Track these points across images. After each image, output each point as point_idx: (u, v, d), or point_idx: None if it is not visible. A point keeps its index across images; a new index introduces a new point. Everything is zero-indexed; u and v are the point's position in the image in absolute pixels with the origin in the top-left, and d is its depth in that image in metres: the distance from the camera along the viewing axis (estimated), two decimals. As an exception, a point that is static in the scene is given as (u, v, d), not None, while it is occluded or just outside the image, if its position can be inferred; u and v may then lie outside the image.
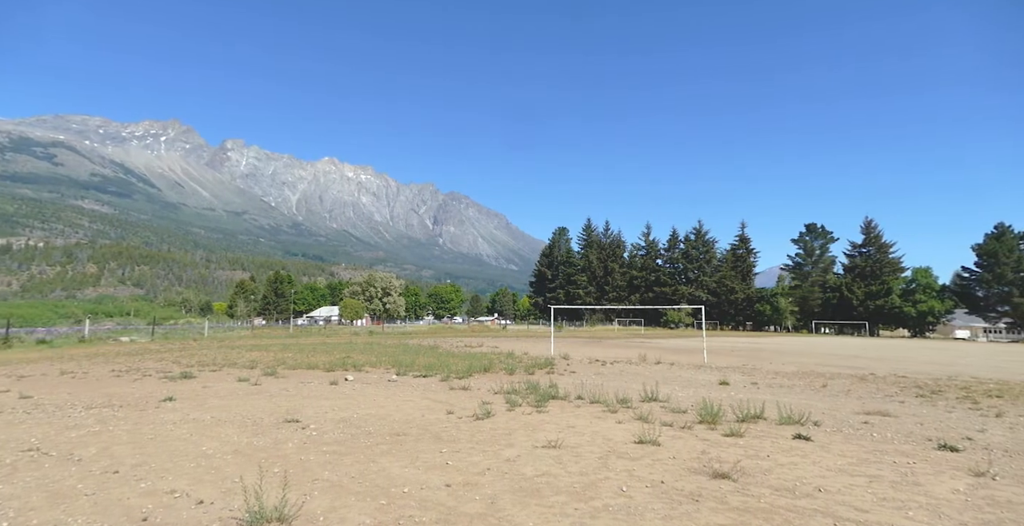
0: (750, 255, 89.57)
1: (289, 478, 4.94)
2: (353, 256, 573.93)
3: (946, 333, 78.40)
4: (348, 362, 16.49)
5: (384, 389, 11.25)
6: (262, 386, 11.44)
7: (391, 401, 9.65)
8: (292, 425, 7.45)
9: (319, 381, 12.40)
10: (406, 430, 7.23)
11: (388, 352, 21.06)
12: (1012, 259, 67.80)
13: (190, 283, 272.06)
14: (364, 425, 7.53)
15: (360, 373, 14.24)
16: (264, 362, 16.66)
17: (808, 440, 6.86)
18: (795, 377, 15.10)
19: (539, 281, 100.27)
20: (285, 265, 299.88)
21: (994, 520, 4.21)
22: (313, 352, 20.96)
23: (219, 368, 15.06)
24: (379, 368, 15.51)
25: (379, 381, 12.61)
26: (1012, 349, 40.79)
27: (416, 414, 8.41)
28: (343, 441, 6.58)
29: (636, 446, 6.42)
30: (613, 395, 10.26)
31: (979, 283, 71.06)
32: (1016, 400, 11.15)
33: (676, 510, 4.32)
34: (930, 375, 16.47)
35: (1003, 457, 6.24)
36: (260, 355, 19.57)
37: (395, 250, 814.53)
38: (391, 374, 13.85)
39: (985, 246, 70.62)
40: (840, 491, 4.86)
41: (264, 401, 9.49)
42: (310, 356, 18.92)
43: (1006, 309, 68.90)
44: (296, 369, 15.01)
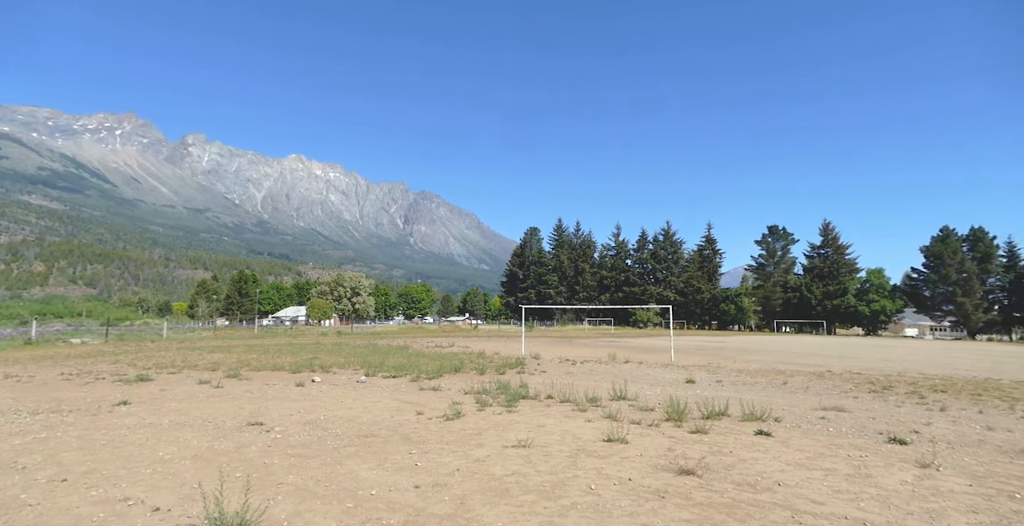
0: (716, 256, 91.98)
1: (252, 482, 4.80)
2: (321, 255, 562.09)
3: (896, 331, 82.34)
4: (315, 363, 16.15)
5: (353, 390, 11.07)
6: (224, 389, 11.08)
7: (360, 402, 9.50)
8: (256, 428, 7.25)
9: (285, 383, 12.10)
10: (375, 432, 7.13)
11: (357, 353, 20.72)
12: (956, 261, 71.72)
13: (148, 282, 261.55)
14: (331, 427, 7.39)
15: (328, 374, 13.97)
16: (227, 364, 16.15)
17: (769, 436, 7.09)
18: (757, 375, 15.57)
19: (510, 281, 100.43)
20: (250, 264, 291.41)
21: (937, 509, 4.45)
22: (279, 353, 20.44)
23: (178, 370, 14.52)
24: (347, 369, 15.25)
25: (347, 382, 12.39)
26: (955, 346, 43.20)
27: (385, 415, 8.30)
28: (309, 444, 6.44)
29: (605, 444, 6.50)
30: (583, 394, 10.37)
31: (926, 283, 74.88)
32: (958, 395, 11.79)
33: (643, 507, 4.39)
34: (882, 372, 17.25)
35: (946, 449, 6.59)
36: (222, 357, 18.96)
37: (365, 249, 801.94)
38: (360, 375, 13.64)
39: (931, 248, 74.49)
40: (798, 484, 5.04)
41: (226, 404, 9.20)
42: (275, 357, 18.45)
43: (950, 308, 72.83)
44: (261, 371, 14.61)
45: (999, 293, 72.85)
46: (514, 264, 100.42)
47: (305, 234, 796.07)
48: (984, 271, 72.31)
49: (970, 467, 5.77)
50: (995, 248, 73.27)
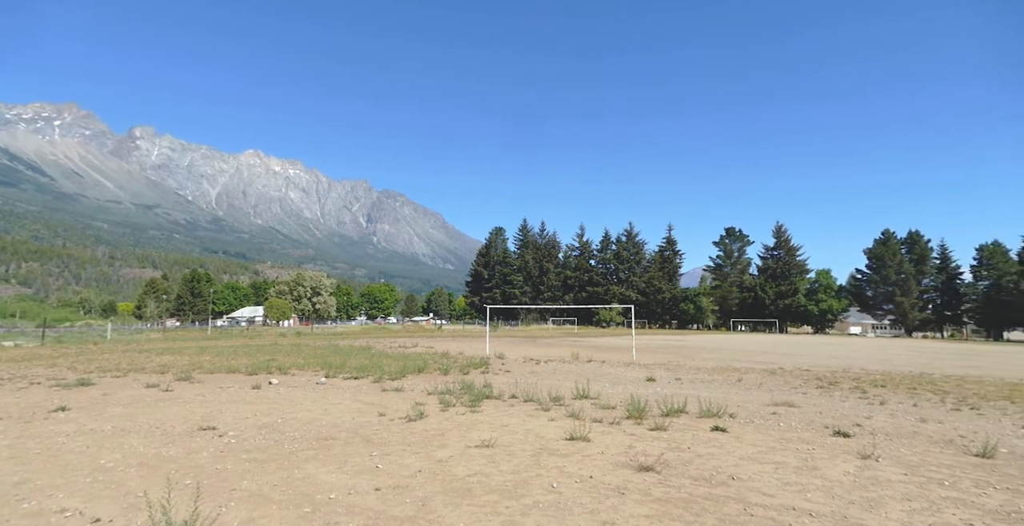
0: (676, 257, 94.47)
1: (202, 489, 4.61)
2: (280, 254, 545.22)
3: (842, 329, 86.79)
4: (273, 365, 15.65)
5: (312, 392, 10.78)
6: (174, 392, 10.60)
7: (319, 404, 9.27)
8: (208, 433, 6.97)
9: (240, 385, 11.68)
10: (335, 434, 6.97)
11: (317, 354, 20.21)
12: (895, 262, 76.26)
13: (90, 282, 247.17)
14: (289, 430, 7.18)
15: (286, 376, 13.56)
16: (177, 366, 15.45)
17: (724, 431, 7.33)
18: (714, 372, 16.08)
19: (475, 281, 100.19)
20: (203, 263, 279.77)
21: (876, 497, 4.71)
22: (234, 355, 19.70)
23: (123, 374, 13.78)
24: (307, 370, 14.85)
25: (307, 384, 12.07)
26: (894, 343, 45.90)
27: (346, 417, 8.13)
28: (265, 448, 6.23)
29: (567, 443, 6.57)
30: (546, 393, 10.45)
31: (869, 284, 79.30)
32: (896, 389, 12.53)
33: (603, 504, 4.46)
34: (828, 368, 18.14)
35: (885, 441, 6.99)
36: (173, 359, 18.13)
37: (326, 248, 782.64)
38: (320, 376, 13.30)
39: (873, 250, 78.96)
40: (751, 478, 5.23)
41: (176, 408, 8.80)
42: (230, 359, 17.77)
43: (890, 307, 77.39)
44: (214, 373, 14.04)
45: (933, 293, 77.91)
46: (479, 264, 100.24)
47: (263, 232, 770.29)
48: (920, 272, 77.19)
49: (905, 457, 6.14)
50: (929, 251, 78.35)
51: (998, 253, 72.46)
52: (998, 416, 9.09)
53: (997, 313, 69.72)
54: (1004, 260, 71.11)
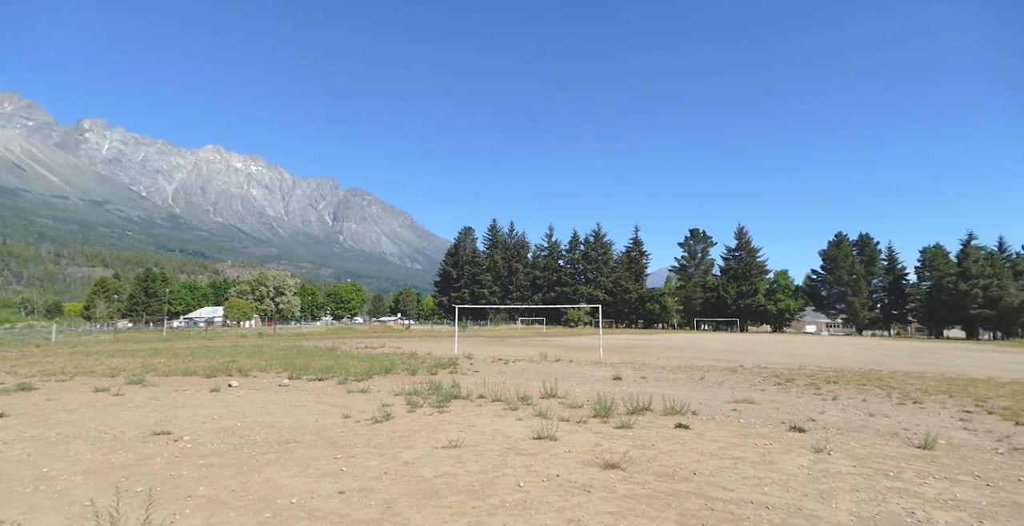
0: (643, 257, 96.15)
1: (155, 497, 4.42)
2: (241, 253, 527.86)
3: (799, 328, 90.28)
4: (233, 367, 15.14)
5: (274, 395, 10.49)
6: (125, 396, 10.12)
7: (281, 407, 9.02)
8: (162, 438, 6.69)
9: (197, 388, 11.25)
10: (297, 437, 6.80)
11: (280, 355, 19.67)
12: (847, 263, 79.92)
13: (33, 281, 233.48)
14: (249, 434, 6.97)
15: (247, 378, 13.14)
16: (129, 369, 14.76)
17: (687, 428, 7.52)
18: (678, 371, 16.47)
19: (444, 281, 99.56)
20: (159, 261, 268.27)
21: (828, 489, 4.93)
22: (191, 357, 18.97)
23: (69, 377, 13.07)
24: (269, 372, 14.43)
25: (269, 386, 11.73)
26: (846, 341, 48.11)
27: (309, 420, 7.95)
28: (223, 452, 6.03)
29: (535, 442, 6.61)
30: (514, 393, 10.47)
31: (823, 284, 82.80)
32: (847, 385, 13.13)
33: (569, 501, 4.51)
34: (785, 366, 18.84)
35: (837, 435, 7.31)
36: (124, 361, 17.31)
37: (290, 247, 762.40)
38: (283, 378, 12.95)
39: (828, 252, 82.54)
40: (712, 473, 5.38)
41: (128, 413, 8.40)
42: (187, 361, 17.10)
43: (842, 306, 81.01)
44: (169, 376, 13.48)
45: (881, 293, 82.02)
46: (448, 264, 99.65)
47: (223, 230, 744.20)
48: (869, 273, 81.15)
49: (855, 450, 6.44)
50: (878, 253, 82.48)
51: (939, 255, 76.85)
52: (938, 409, 9.63)
53: (938, 312, 73.97)
54: (945, 262, 75.49)
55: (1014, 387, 13.16)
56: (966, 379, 15.04)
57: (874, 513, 4.32)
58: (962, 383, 13.92)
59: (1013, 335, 70.42)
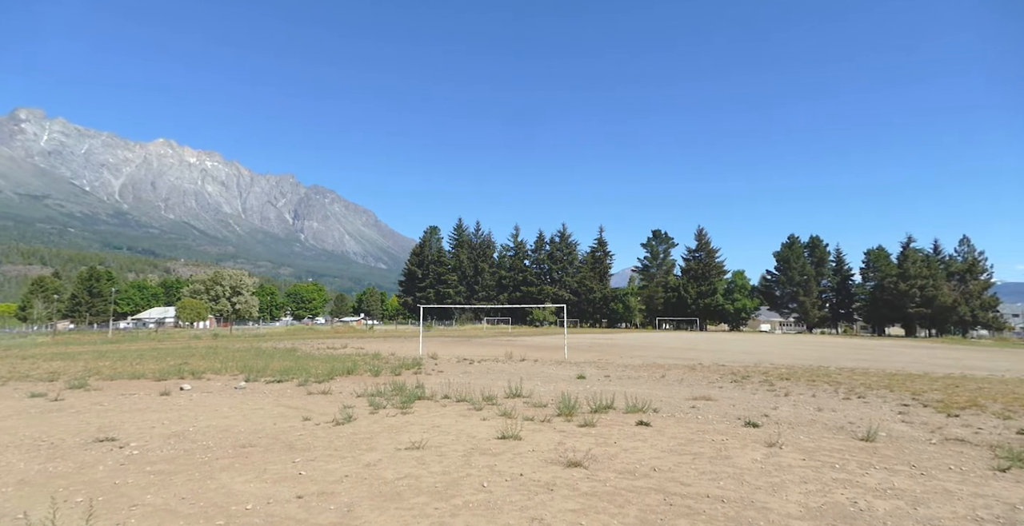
0: (607, 257, 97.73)
1: (97, 507, 4.19)
2: (195, 251, 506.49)
3: (754, 326, 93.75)
4: (185, 369, 14.52)
5: (229, 398, 10.12)
6: (66, 401, 9.55)
7: (237, 410, 8.71)
8: (106, 445, 6.34)
9: (146, 392, 10.73)
10: (254, 441, 6.59)
11: (236, 356, 18.99)
12: (799, 265, 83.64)
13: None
14: (202, 439, 6.70)
15: (200, 381, 12.62)
16: (70, 373, 13.93)
17: (648, 426, 7.69)
18: (640, 369, 16.82)
19: (409, 280, 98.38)
20: (104, 259, 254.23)
21: (779, 482, 5.14)
22: (139, 359, 18.07)
23: (2, 383, 12.24)
24: (224, 374, 13.91)
25: (224, 389, 11.30)
26: (798, 339, 50.33)
27: (267, 423, 7.71)
28: (173, 458, 5.77)
29: (499, 442, 6.62)
30: (479, 393, 10.46)
31: (777, 284, 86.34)
32: (799, 381, 13.73)
33: (532, 500, 4.54)
34: (742, 363, 19.53)
35: (788, 430, 7.64)
36: (65, 365, 16.32)
37: (248, 245, 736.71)
38: (239, 380, 12.51)
39: (781, 253, 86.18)
40: (671, 469, 5.53)
41: (68, 419, 7.93)
42: (135, 364, 16.29)
43: (794, 306, 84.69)
44: (115, 380, 12.80)
45: (829, 293, 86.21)
46: (413, 263, 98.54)
47: (176, 227, 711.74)
48: (819, 274, 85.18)
49: (804, 444, 6.75)
50: (827, 254, 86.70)
51: (882, 257, 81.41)
52: (880, 403, 10.20)
53: (880, 311, 78.37)
54: (887, 264, 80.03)
55: (946, 381, 14.08)
56: (904, 374, 15.98)
57: (821, 503, 4.54)
58: (901, 378, 14.79)
59: (946, 332, 75.32)
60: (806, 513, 4.31)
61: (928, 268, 75.42)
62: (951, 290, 73.90)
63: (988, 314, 74.48)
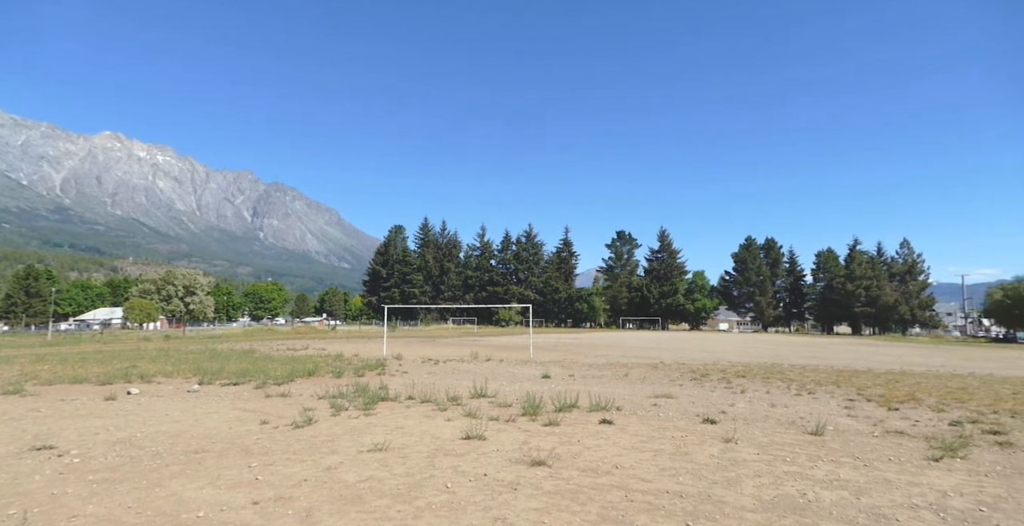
0: (572, 258, 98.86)
1: (31, 519, 3.95)
2: (146, 249, 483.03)
3: (713, 325, 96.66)
4: (133, 372, 13.82)
5: (182, 402, 9.69)
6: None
7: (190, 415, 8.36)
8: (43, 453, 5.97)
9: (89, 397, 10.16)
10: (207, 446, 6.34)
11: (189, 359, 18.22)
12: (755, 266, 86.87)
13: None
14: (150, 445, 6.39)
15: (149, 385, 12.04)
16: (3, 377, 13.03)
17: (611, 424, 7.82)
18: (604, 368, 17.08)
19: (373, 280, 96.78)
20: (43, 257, 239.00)
21: (734, 476, 5.32)
22: (82, 363, 17.09)
23: (-73, 389, 11.33)
24: (176, 377, 13.32)
25: (176, 393, 10.82)
26: (754, 337, 52.25)
27: (222, 427, 7.43)
28: (118, 466, 5.49)
29: (463, 442, 6.59)
30: (444, 393, 10.39)
31: (734, 284, 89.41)
32: (754, 379, 14.25)
33: (496, 500, 4.55)
34: (701, 361, 20.11)
35: (744, 426, 7.92)
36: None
37: (203, 244, 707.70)
38: (192, 383, 12.00)
39: (738, 254, 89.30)
40: (632, 466, 5.64)
41: (0, 426, 7.42)
42: (77, 368, 15.39)
43: (751, 305, 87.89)
44: (54, 384, 12.06)
45: (783, 293, 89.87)
46: (377, 263, 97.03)
47: (124, 224, 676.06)
48: (774, 275, 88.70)
49: (758, 439, 7.01)
50: (782, 255, 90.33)
51: (831, 259, 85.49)
52: (828, 398, 10.70)
53: (829, 310, 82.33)
54: (835, 265, 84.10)
55: (887, 377, 14.92)
56: (850, 371, 16.82)
57: (773, 496, 4.72)
58: (847, 374, 15.57)
59: (888, 330, 79.73)
60: (759, 505, 4.47)
61: (872, 269, 79.70)
62: (893, 290, 78.35)
63: (925, 313, 79.35)
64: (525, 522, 4.06)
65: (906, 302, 77.48)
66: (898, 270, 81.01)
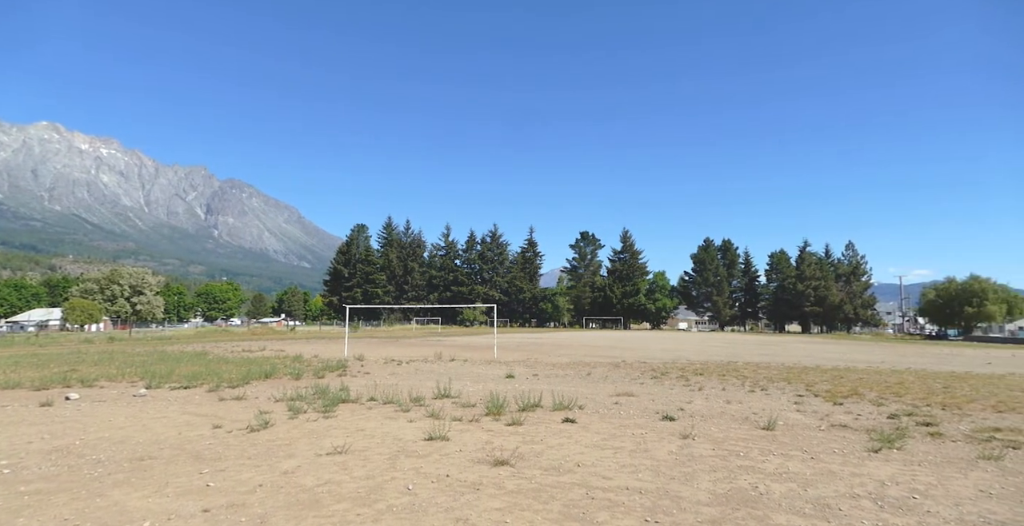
0: (537, 258, 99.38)
1: (-41, 539, 3.66)
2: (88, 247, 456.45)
3: (673, 325, 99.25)
4: (72, 377, 13.02)
5: (127, 407, 9.21)
6: (-82, 418, 8.24)
7: (135, 420, 7.95)
8: (-30, 467, 5.55)
9: (21, 403, 9.51)
10: (154, 452, 6.04)
11: (136, 361, 17.32)
12: (713, 266, 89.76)
13: None
14: (91, 453, 6.04)
15: (91, 389, 11.38)
16: (-76, 385, 12.03)
17: (574, 422, 7.91)
18: (568, 367, 17.26)
19: (335, 279, 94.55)
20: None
21: (691, 472, 5.48)
22: (14, 366, 15.98)
23: None
24: (121, 382, 12.63)
25: (120, 397, 10.27)
26: (712, 336, 54.00)
27: (170, 432, 7.10)
28: (54, 476, 5.16)
29: (426, 443, 6.53)
30: (407, 394, 10.26)
31: (694, 284, 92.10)
32: (711, 376, 14.72)
33: (458, 501, 4.53)
34: (661, 360, 20.61)
35: (701, 422, 8.17)
36: (-83, 376, 14.07)
37: (152, 241, 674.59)
38: (139, 387, 11.41)
39: (697, 255, 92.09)
40: (594, 464, 5.72)
41: (-80, 439, 6.85)
42: (8, 372, 14.38)
43: (709, 305, 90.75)
44: (-17, 391, 11.23)
45: (739, 293, 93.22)
46: (339, 262, 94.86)
47: (63, 221, 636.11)
48: (731, 275, 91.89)
49: (714, 434, 7.24)
50: (738, 256, 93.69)
51: (783, 260, 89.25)
52: (779, 394, 11.17)
53: (781, 310, 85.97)
54: (787, 266, 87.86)
55: (833, 373, 15.71)
56: (800, 368, 17.61)
57: (727, 489, 4.89)
58: (797, 371, 16.30)
59: (834, 328, 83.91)
60: (714, 499, 4.63)
61: (821, 270, 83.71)
62: (839, 290, 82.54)
63: (867, 312, 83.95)
64: (487, 522, 4.06)
65: (851, 301, 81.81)
66: (844, 271, 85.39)
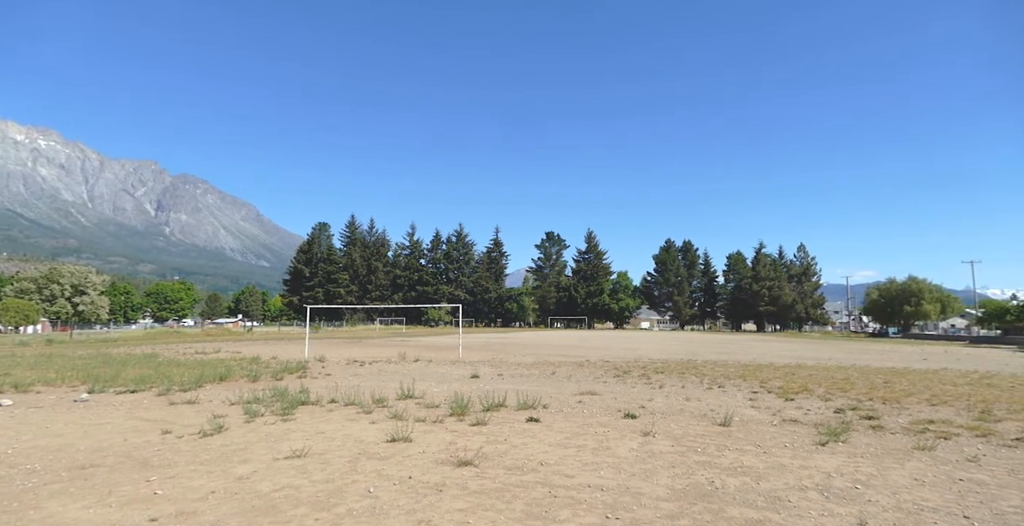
0: (502, 258, 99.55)
1: None
2: (24, 244, 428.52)
3: (636, 324, 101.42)
4: (5, 382, 12.17)
5: (66, 413, 8.68)
6: None
7: (76, 427, 7.51)
8: None
9: (-53, 412, 8.83)
10: (96, 460, 5.72)
11: (77, 365, 16.35)
12: (674, 267, 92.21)
13: None
14: (24, 462, 5.67)
15: (26, 395, 10.68)
16: None
17: (538, 422, 7.96)
18: (532, 367, 17.35)
19: (295, 279, 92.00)
20: None
21: (651, 468, 5.61)
22: (-61, 372, 14.81)
23: None
24: (60, 386, 11.90)
25: (59, 403, 9.67)
26: (672, 335, 55.45)
27: (115, 439, 6.74)
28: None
29: (388, 445, 6.44)
30: (369, 395, 10.08)
31: (655, 285, 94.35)
32: (671, 374, 15.10)
33: (420, 503, 4.48)
34: (624, 359, 20.99)
35: (661, 419, 8.37)
36: None
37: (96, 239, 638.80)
38: (81, 392, 10.77)
39: (659, 256, 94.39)
40: (557, 462, 5.78)
41: None
42: (-67, 378, 13.31)
43: (670, 305, 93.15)
44: (-98, 399, 10.35)
45: (698, 293, 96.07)
46: (300, 261, 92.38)
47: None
48: (691, 276, 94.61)
49: (674, 431, 7.44)
50: (698, 257, 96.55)
51: (740, 261, 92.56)
52: (735, 391, 11.57)
53: (738, 309, 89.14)
54: (744, 267, 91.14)
55: (785, 370, 16.39)
56: (755, 365, 18.29)
57: (684, 485, 5.03)
58: (752, 368, 16.93)
59: (787, 327, 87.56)
60: (672, 495, 4.75)
61: (775, 271, 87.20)
62: (791, 291, 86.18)
63: (817, 311, 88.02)
64: (449, 523, 4.04)
65: (802, 301, 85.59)
66: (796, 272, 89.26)
